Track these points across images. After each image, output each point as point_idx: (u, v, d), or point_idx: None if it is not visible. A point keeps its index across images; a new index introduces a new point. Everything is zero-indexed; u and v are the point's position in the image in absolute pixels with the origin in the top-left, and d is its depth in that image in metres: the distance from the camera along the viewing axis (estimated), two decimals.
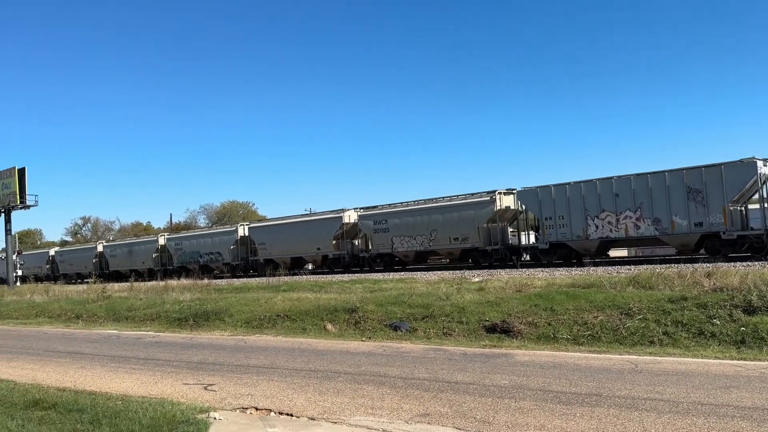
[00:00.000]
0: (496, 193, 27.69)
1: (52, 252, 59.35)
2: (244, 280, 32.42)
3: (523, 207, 27.70)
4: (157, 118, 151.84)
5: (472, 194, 29.50)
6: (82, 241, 76.37)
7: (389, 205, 33.07)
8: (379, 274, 28.25)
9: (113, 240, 62.03)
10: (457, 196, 30.08)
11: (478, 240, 27.85)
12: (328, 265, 35.06)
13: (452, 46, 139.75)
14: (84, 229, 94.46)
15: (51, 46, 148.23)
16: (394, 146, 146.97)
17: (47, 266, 57.30)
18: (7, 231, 49.06)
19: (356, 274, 29.29)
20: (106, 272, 48.76)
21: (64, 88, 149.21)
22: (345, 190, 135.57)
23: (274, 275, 30.14)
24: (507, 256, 27.71)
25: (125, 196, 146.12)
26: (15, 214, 48.97)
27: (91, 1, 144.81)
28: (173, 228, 72.87)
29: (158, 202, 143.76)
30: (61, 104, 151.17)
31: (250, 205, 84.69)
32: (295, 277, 28.56)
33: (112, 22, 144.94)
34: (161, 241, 45.56)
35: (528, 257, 27.66)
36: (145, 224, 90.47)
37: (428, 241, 29.81)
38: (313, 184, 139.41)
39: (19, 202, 46.68)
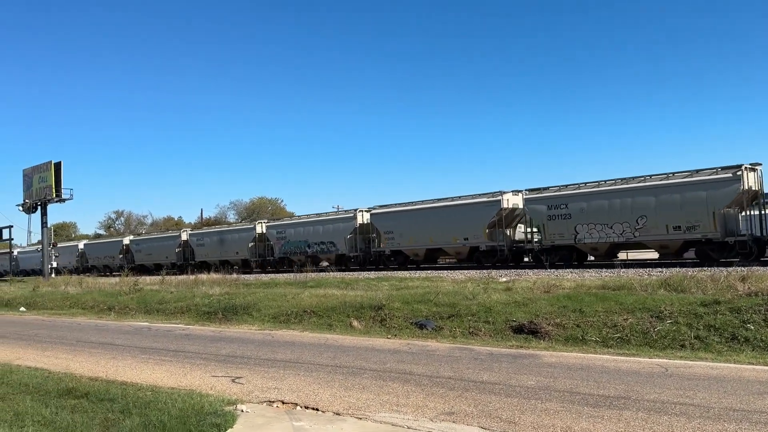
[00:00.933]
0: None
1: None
2: (272, 275, 32.69)
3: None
4: (188, 117, 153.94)
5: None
6: (115, 234, 77.75)
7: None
8: (406, 272, 28.24)
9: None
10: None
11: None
12: (477, 258, 29.35)
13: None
14: (117, 222, 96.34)
15: (88, 43, 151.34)
16: (422, 142, 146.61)
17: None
18: (43, 224, 50.32)
19: (383, 272, 29.31)
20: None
21: (101, 85, 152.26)
22: (371, 187, 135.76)
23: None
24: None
25: (157, 192, 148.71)
26: (51, 207, 50.24)
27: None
28: (204, 223, 73.75)
29: (188, 197, 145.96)
30: (97, 101, 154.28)
31: (279, 201, 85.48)
32: (322, 274, 28.67)
33: (148, 22, 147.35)
34: (260, 228, 41.26)
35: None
36: (176, 219, 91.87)
37: None
38: (339, 182, 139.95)
39: (54, 195, 47.80)
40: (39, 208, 49.86)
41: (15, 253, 62.95)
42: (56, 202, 48.99)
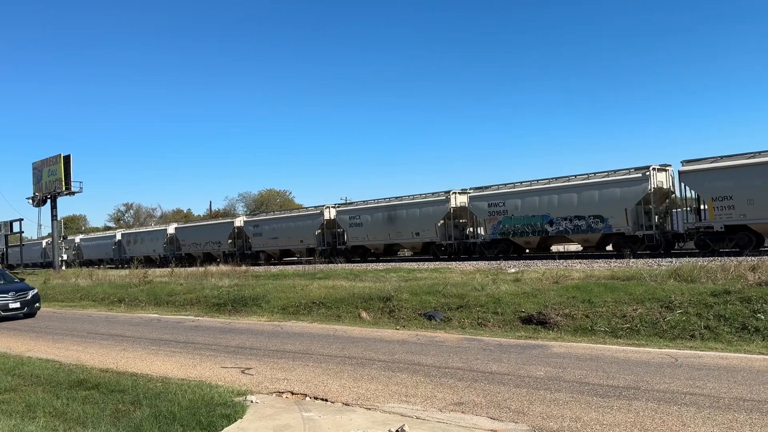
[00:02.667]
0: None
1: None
2: (281, 267, 32.78)
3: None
4: (196, 110, 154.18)
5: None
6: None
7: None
8: (414, 263, 28.23)
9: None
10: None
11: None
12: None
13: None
14: (126, 215, 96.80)
15: (97, 37, 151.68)
16: (423, 134, 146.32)
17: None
18: (53, 216, 50.66)
19: (392, 264, 29.33)
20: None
21: (110, 79, 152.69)
22: (377, 179, 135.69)
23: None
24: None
25: (166, 184, 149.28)
26: (60, 200, 50.55)
27: None
28: (212, 216, 73.96)
29: (197, 190, 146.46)
30: (106, 94, 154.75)
31: (287, 193, 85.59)
32: (330, 266, 28.71)
33: (157, 16, 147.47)
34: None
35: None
36: (185, 211, 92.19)
37: None
38: (347, 174, 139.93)
39: (64, 188, 48.09)
40: (49, 201, 50.18)
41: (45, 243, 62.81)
42: (66, 195, 49.32)
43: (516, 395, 7.53)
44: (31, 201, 51.83)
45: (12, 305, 19.92)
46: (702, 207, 23.31)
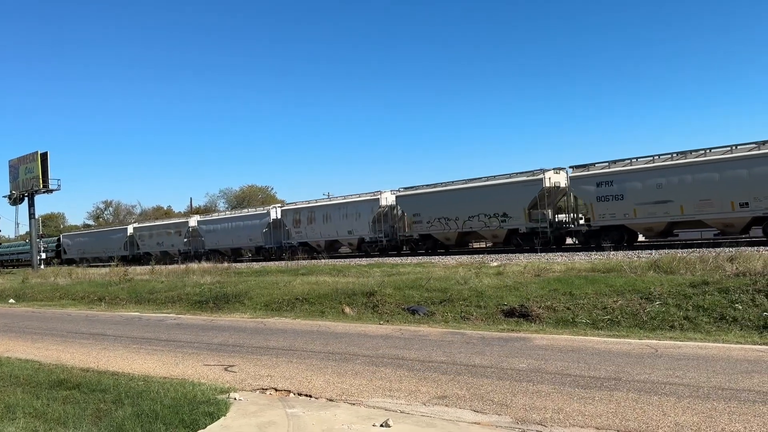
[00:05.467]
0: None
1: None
2: (264, 263, 32.63)
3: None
4: (175, 105, 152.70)
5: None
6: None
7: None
8: (397, 258, 28.27)
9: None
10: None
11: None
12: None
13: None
14: (106, 213, 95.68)
15: (73, 33, 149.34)
16: (408, 128, 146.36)
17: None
18: (31, 215, 49.92)
19: (375, 259, 29.35)
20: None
21: (85, 75, 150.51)
22: (364, 173, 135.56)
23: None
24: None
25: (146, 181, 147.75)
26: (38, 198, 49.82)
27: None
28: (194, 212, 73.40)
29: (177, 186, 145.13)
30: (82, 91, 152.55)
31: (269, 189, 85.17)
32: (313, 261, 28.67)
33: (134, 11, 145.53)
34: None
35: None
36: (166, 208, 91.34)
37: None
38: (330, 169, 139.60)
39: (42, 186, 47.38)
40: (26, 199, 49.42)
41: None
42: (43, 192, 48.60)
43: (499, 388, 7.58)
44: (8, 199, 51.01)
45: None
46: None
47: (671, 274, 13.66)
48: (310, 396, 7.72)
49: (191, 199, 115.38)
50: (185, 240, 44.64)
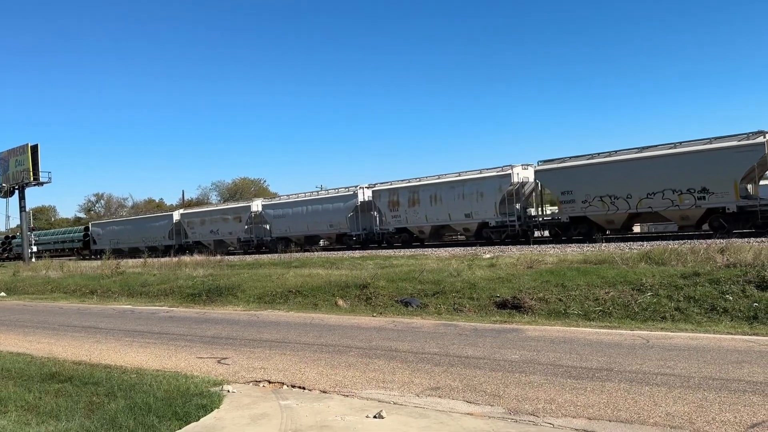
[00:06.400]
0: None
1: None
2: (256, 256, 32.58)
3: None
4: (168, 97, 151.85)
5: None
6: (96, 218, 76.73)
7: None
8: (391, 250, 28.28)
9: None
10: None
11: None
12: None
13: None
14: (97, 205, 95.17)
15: (62, 23, 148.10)
16: (404, 121, 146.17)
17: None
18: (22, 207, 49.67)
19: (368, 251, 29.35)
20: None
21: (76, 67, 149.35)
22: (356, 166, 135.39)
23: (290, 249, 30.49)
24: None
25: (137, 174, 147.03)
26: (28, 191, 49.49)
27: None
28: (186, 205, 73.13)
29: (169, 179, 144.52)
30: (72, 82, 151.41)
31: (262, 181, 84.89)
32: (306, 254, 28.65)
33: (126, 3, 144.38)
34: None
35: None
36: (157, 201, 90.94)
37: None
38: (323, 162, 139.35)
39: (32, 178, 47.05)
40: (17, 191, 49.09)
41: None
42: (34, 185, 48.29)
43: (491, 379, 7.61)
44: None
45: None
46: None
47: (663, 266, 13.73)
48: (304, 388, 7.73)
49: (183, 191, 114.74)
50: (246, 227, 39.10)
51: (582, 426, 5.71)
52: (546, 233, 27.91)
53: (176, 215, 45.31)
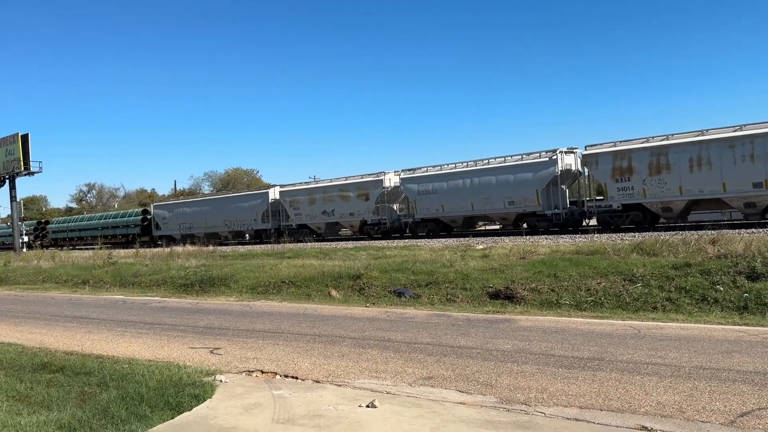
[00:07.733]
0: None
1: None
2: (249, 246, 32.52)
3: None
4: (159, 86, 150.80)
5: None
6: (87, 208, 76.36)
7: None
8: (384, 241, 28.27)
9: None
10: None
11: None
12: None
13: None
14: (89, 195, 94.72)
15: (53, 13, 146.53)
16: (399, 111, 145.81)
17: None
18: (12, 197, 49.23)
19: (361, 242, 29.34)
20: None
21: (68, 56, 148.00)
22: (349, 157, 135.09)
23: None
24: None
25: (129, 163, 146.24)
26: (19, 181, 49.07)
27: None
28: (177, 195, 72.83)
29: (160, 169, 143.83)
30: (64, 71, 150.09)
31: (255, 172, 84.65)
32: (299, 244, 28.62)
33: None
34: (273, 194, 29.59)
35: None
36: (149, 191, 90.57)
37: None
38: (316, 152, 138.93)
39: (23, 168, 46.62)
40: (7, 181, 48.69)
41: None
42: (25, 175, 47.85)
43: (484, 368, 7.64)
44: None
45: None
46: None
47: (654, 256, 13.79)
48: (297, 378, 7.74)
49: (175, 182, 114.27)
50: (375, 206, 32.05)
51: (573, 415, 5.75)
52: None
53: (273, 193, 37.91)
